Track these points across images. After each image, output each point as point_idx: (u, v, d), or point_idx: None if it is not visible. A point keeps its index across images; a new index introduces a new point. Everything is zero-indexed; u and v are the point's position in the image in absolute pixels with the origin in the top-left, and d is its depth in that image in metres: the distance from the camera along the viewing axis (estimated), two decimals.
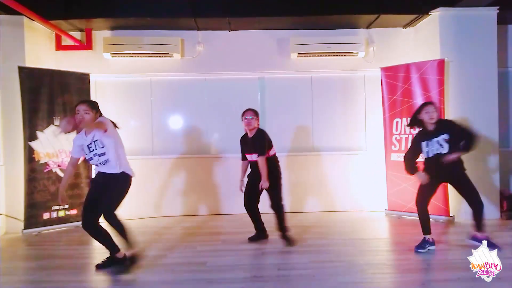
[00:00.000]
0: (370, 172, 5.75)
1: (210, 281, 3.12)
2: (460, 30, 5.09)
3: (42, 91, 4.94)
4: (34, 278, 3.32)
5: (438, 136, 3.76)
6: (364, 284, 3.03)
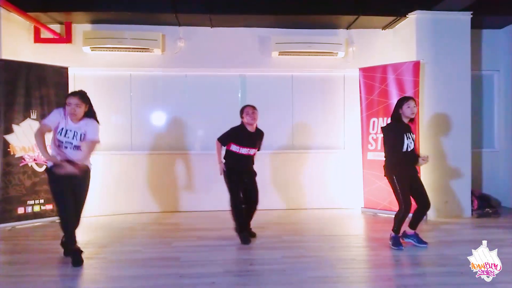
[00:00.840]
0: (348, 170, 5.86)
1: (182, 275, 3.15)
2: (436, 33, 5.22)
3: (18, 84, 4.87)
4: (4, 273, 3.29)
5: (410, 132, 3.88)
6: (333, 278, 3.10)
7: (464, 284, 2.93)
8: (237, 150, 4.16)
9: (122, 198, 5.62)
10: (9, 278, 3.16)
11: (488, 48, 6.08)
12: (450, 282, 2.98)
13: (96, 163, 5.53)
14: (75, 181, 3.43)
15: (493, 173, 6.10)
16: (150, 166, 5.72)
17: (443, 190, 5.24)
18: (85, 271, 3.31)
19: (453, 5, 5.02)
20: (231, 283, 2.98)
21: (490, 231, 4.55)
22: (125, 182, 5.64)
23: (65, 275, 3.26)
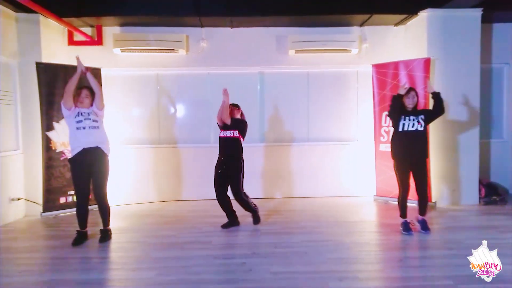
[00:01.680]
0: (361, 161, 6.21)
1: (216, 257, 3.59)
2: (447, 30, 5.46)
3: (57, 85, 5.31)
4: (55, 255, 3.77)
5: (417, 116, 4.22)
6: (350, 259, 3.50)
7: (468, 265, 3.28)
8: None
9: (152, 188, 6.10)
10: (60, 260, 3.63)
11: (498, 41, 6.30)
12: (456, 264, 3.33)
13: (128, 156, 6.06)
14: (93, 169, 4.04)
15: (502, 163, 6.38)
16: (177, 158, 6.16)
17: (452, 178, 5.55)
18: (129, 253, 3.77)
19: (464, 3, 5.24)
20: (259, 264, 3.40)
21: (496, 218, 4.87)
22: (155, 173, 6.10)
23: (107, 258, 3.72)
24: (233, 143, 4.54)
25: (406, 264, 3.42)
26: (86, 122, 4.02)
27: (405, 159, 4.26)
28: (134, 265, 3.46)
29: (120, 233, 4.52)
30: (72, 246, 3.97)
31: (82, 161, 4.00)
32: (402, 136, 4.25)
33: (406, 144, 4.23)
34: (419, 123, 4.19)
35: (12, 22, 5.19)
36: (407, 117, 4.24)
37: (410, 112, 4.27)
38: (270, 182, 6.25)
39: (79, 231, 4.15)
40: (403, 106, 4.31)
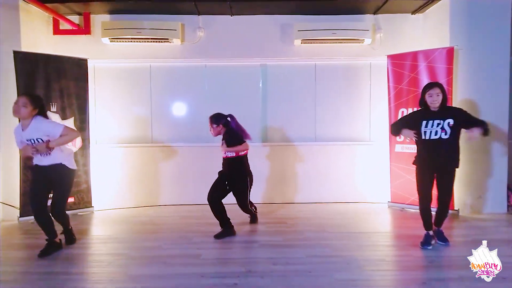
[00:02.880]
0: (374, 163, 5.62)
1: (203, 275, 3.04)
2: (472, 17, 4.85)
3: (38, 76, 4.84)
4: (19, 270, 3.27)
5: (443, 120, 3.53)
6: (362, 281, 2.92)
7: None
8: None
9: (141, 191, 5.58)
10: (24, 275, 3.13)
11: None
12: (490, 287, 2.75)
13: (117, 156, 5.55)
14: (51, 179, 3.57)
15: None
16: (169, 158, 5.63)
17: (477, 184, 4.94)
18: (105, 269, 3.24)
19: None
20: (253, 285, 2.85)
21: None
22: (145, 175, 5.58)
23: (81, 273, 3.20)
24: (233, 164, 4.13)
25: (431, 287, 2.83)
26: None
27: (427, 167, 3.63)
28: (105, 284, 2.92)
29: (101, 242, 4.01)
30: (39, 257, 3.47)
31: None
32: (425, 144, 3.61)
33: (429, 153, 3.60)
34: (443, 130, 3.50)
35: None
36: (429, 122, 3.54)
37: (434, 115, 3.55)
38: (272, 186, 5.68)
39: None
40: (426, 106, 3.64)
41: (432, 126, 3.53)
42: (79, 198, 5.16)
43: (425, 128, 3.56)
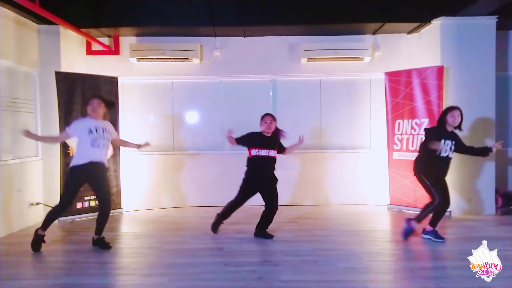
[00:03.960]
0: (374, 169, 6.18)
1: (226, 264, 3.63)
2: (461, 38, 5.42)
3: (75, 93, 5.49)
4: (70, 260, 3.89)
5: (452, 141, 4.12)
6: (360, 269, 3.49)
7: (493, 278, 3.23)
8: (256, 153, 4.44)
9: (164, 194, 6.20)
10: (75, 264, 3.72)
11: None
12: (469, 275, 3.28)
13: (142, 163, 6.18)
14: (93, 179, 4.12)
15: None
16: (190, 164, 6.25)
17: (467, 188, 5.47)
18: (143, 259, 3.85)
19: (478, 11, 5.19)
20: (269, 272, 3.42)
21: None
22: (167, 180, 6.20)
23: (121, 263, 3.80)
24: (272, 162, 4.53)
25: (417, 274, 3.38)
26: (100, 141, 4.10)
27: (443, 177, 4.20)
28: (146, 271, 3.53)
29: (134, 238, 4.62)
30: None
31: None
32: (438, 160, 4.13)
33: (444, 168, 4.19)
34: (451, 150, 4.12)
35: (34, 33, 5.40)
36: (446, 141, 4.08)
37: (448, 135, 4.12)
38: (282, 189, 6.23)
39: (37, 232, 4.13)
40: (444, 125, 4.17)
41: (446, 144, 4.09)
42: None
43: (443, 146, 4.07)
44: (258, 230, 4.51)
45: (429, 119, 5.37)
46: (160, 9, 5.56)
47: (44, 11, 4.58)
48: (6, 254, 4.06)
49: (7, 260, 3.84)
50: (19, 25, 5.08)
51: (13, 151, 5.04)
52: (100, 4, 5.54)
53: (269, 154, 4.45)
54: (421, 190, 5.39)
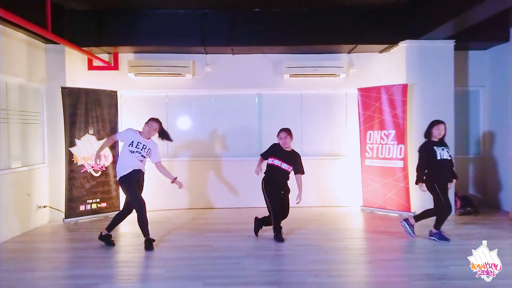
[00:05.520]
0: (349, 174, 6.86)
1: (215, 257, 4.26)
2: (423, 59, 6.13)
3: (79, 106, 6.06)
4: (79, 255, 4.47)
5: (443, 147, 4.76)
6: (328, 260, 4.15)
7: (425, 266, 3.91)
8: (272, 162, 4.90)
9: (159, 197, 6.79)
10: (79, 259, 4.33)
11: (474, 66, 6.96)
12: (416, 265, 3.97)
13: None
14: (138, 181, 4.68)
15: (479, 176, 6.99)
16: (183, 170, 6.85)
17: None
18: (143, 254, 4.45)
19: (438, 35, 5.90)
20: (251, 263, 4.06)
21: (466, 227, 5.49)
22: (162, 184, 6.76)
23: (125, 257, 4.41)
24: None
25: (374, 265, 4.06)
26: (136, 155, 4.62)
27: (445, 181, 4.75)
28: (147, 263, 4.15)
29: (134, 237, 5.21)
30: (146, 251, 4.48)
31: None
32: (441, 163, 4.66)
33: (445, 170, 4.72)
34: (448, 154, 4.76)
35: (42, 52, 5.97)
36: (439, 147, 4.69)
37: (438, 144, 4.74)
38: None
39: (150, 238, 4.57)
40: (430, 137, 4.78)
41: (441, 149, 4.72)
42: (109, 203, 6.36)
43: (439, 151, 4.67)
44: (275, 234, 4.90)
45: (396, 131, 6.07)
46: (157, 31, 6.18)
47: (55, 36, 5.16)
48: (22, 251, 4.62)
49: (25, 256, 4.41)
50: (29, 46, 5.65)
51: (22, 159, 5.60)
52: (102, 25, 6.14)
53: (281, 166, 4.86)
54: (389, 193, 6.15)
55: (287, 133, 4.93)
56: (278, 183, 4.90)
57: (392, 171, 6.13)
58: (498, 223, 5.67)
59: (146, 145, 4.68)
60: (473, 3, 4.61)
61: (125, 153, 4.61)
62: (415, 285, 3.46)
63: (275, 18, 6.18)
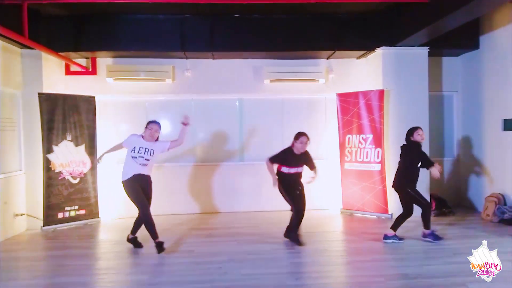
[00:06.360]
0: (329, 177, 6.98)
1: (197, 263, 4.27)
2: (399, 65, 6.32)
3: (56, 112, 5.97)
4: (59, 263, 4.39)
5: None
6: (308, 263, 4.24)
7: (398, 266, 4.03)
8: (286, 171, 4.85)
9: None
10: (57, 267, 4.26)
11: (447, 72, 7.22)
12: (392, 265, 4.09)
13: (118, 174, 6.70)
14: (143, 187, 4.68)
15: (453, 178, 7.24)
16: (162, 175, 6.81)
17: None
18: (124, 260, 4.42)
19: (413, 42, 6.10)
20: (233, 267, 4.09)
21: (441, 227, 5.65)
22: None
23: (107, 264, 4.37)
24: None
25: (353, 266, 4.17)
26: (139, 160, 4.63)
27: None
28: (128, 270, 4.12)
29: (115, 244, 5.16)
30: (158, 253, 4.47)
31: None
32: (418, 171, 4.86)
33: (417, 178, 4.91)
34: None
35: (17, 57, 5.85)
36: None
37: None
38: (251, 197, 6.95)
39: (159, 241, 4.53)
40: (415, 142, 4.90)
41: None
42: (88, 210, 6.27)
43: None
44: (288, 233, 4.98)
45: (373, 135, 6.24)
46: (136, 35, 6.15)
47: (32, 42, 5.08)
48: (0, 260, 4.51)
49: (2, 265, 4.31)
50: (4, 51, 5.53)
51: None
52: (80, 30, 6.08)
53: (297, 170, 4.93)
54: (367, 196, 6.29)
55: (308, 138, 4.90)
56: (294, 182, 4.97)
57: (370, 174, 6.28)
58: (470, 223, 5.90)
59: (149, 147, 4.70)
60: (445, 13, 4.82)
61: (128, 159, 4.68)
62: (390, 284, 3.58)
63: (255, 24, 6.26)
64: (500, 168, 6.24)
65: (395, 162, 6.26)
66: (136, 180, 4.62)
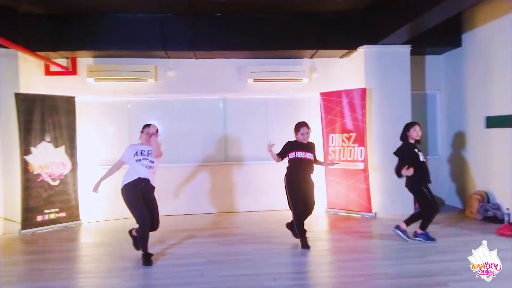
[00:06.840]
0: (313, 177, 6.92)
1: (175, 265, 4.19)
2: (381, 63, 6.32)
3: (34, 113, 5.84)
4: (36, 268, 4.28)
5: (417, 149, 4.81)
6: (288, 263, 4.18)
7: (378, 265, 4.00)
8: (294, 156, 4.75)
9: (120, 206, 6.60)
10: (34, 271, 4.15)
11: (430, 71, 7.23)
12: (372, 264, 4.06)
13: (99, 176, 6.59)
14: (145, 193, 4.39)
15: (437, 176, 7.24)
16: None
17: (390, 191, 6.33)
18: (103, 264, 4.32)
19: (394, 41, 6.10)
20: (211, 269, 4.02)
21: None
22: None
23: (83, 268, 4.27)
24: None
25: (334, 266, 4.13)
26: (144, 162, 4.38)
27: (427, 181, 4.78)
28: (105, 274, 4.02)
29: (94, 247, 5.05)
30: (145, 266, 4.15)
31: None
32: (423, 164, 4.71)
33: (427, 172, 4.76)
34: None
35: None
36: (418, 150, 4.73)
37: (416, 146, 4.77)
38: (233, 197, 6.90)
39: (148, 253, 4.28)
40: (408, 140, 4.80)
41: (419, 151, 4.79)
42: (69, 213, 6.15)
43: (419, 153, 4.74)
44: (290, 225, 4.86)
45: (356, 133, 6.22)
46: (117, 35, 6.05)
47: (6, 41, 4.96)
48: None
49: None
50: None
51: None
52: (59, 29, 5.96)
53: (305, 156, 4.72)
54: (352, 195, 6.26)
55: (308, 128, 4.80)
56: (302, 178, 4.75)
57: (354, 173, 6.26)
58: (454, 221, 5.90)
59: (150, 150, 4.49)
60: (424, 9, 4.80)
61: (132, 164, 4.37)
62: (372, 284, 3.54)
63: (237, 23, 6.20)
64: (483, 165, 6.26)
65: (378, 160, 6.29)
66: (137, 185, 4.30)
